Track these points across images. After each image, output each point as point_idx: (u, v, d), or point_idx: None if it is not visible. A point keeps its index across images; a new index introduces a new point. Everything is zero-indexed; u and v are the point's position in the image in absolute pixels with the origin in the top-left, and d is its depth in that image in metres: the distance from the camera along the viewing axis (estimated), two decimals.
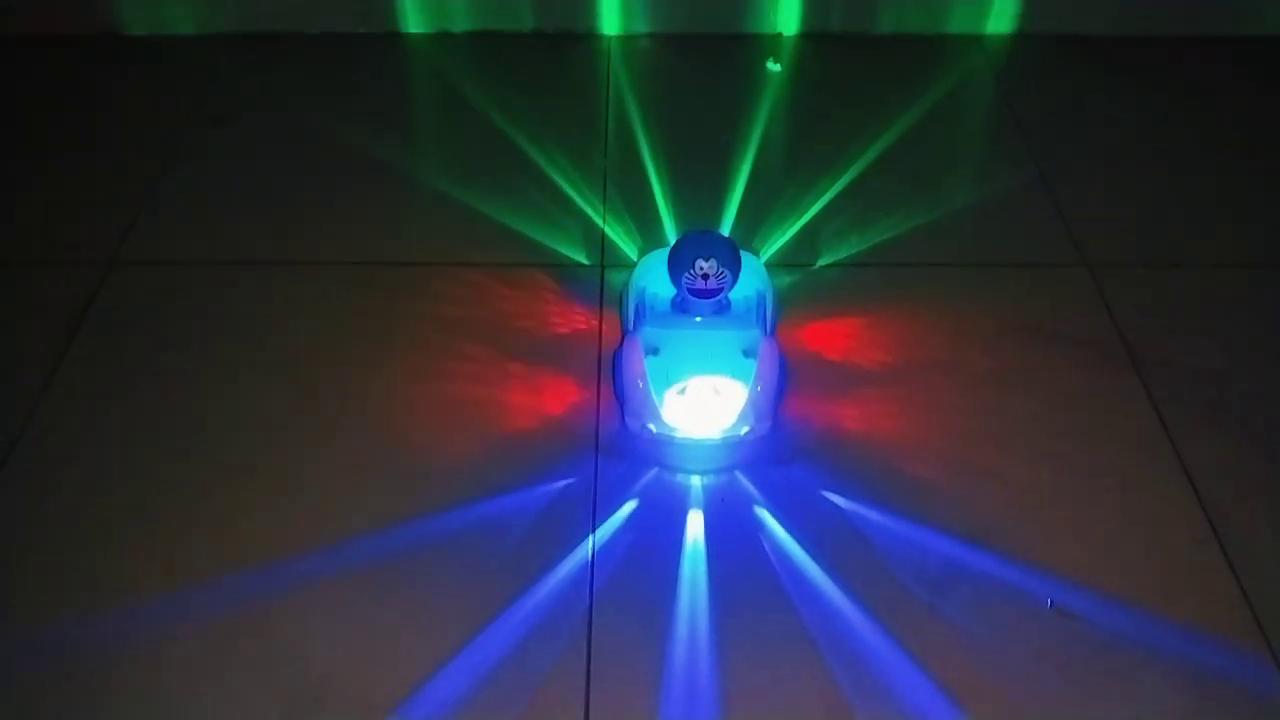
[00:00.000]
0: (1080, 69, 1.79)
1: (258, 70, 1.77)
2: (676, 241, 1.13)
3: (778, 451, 1.16)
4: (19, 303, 1.34)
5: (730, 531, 1.08)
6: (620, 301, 1.28)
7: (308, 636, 0.99)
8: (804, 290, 1.37)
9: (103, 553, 1.06)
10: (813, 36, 1.85)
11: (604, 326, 1.30)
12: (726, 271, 1.10)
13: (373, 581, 1.03)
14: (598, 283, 1.37)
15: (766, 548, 1.07)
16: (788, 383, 1.16)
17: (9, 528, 1.08)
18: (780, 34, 1.85)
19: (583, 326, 1.31)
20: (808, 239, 1.44)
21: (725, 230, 1.45)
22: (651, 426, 1.13)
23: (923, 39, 1.84)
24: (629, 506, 1.11)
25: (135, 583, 1.03)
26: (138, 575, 1.03)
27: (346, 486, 1.12)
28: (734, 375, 1.10)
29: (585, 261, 1.40)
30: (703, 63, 1.80)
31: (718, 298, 1.12)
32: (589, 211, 1.48)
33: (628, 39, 1.84)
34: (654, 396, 1.10)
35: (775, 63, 1.78)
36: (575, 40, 1.84)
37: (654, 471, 1.14)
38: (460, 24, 1.84)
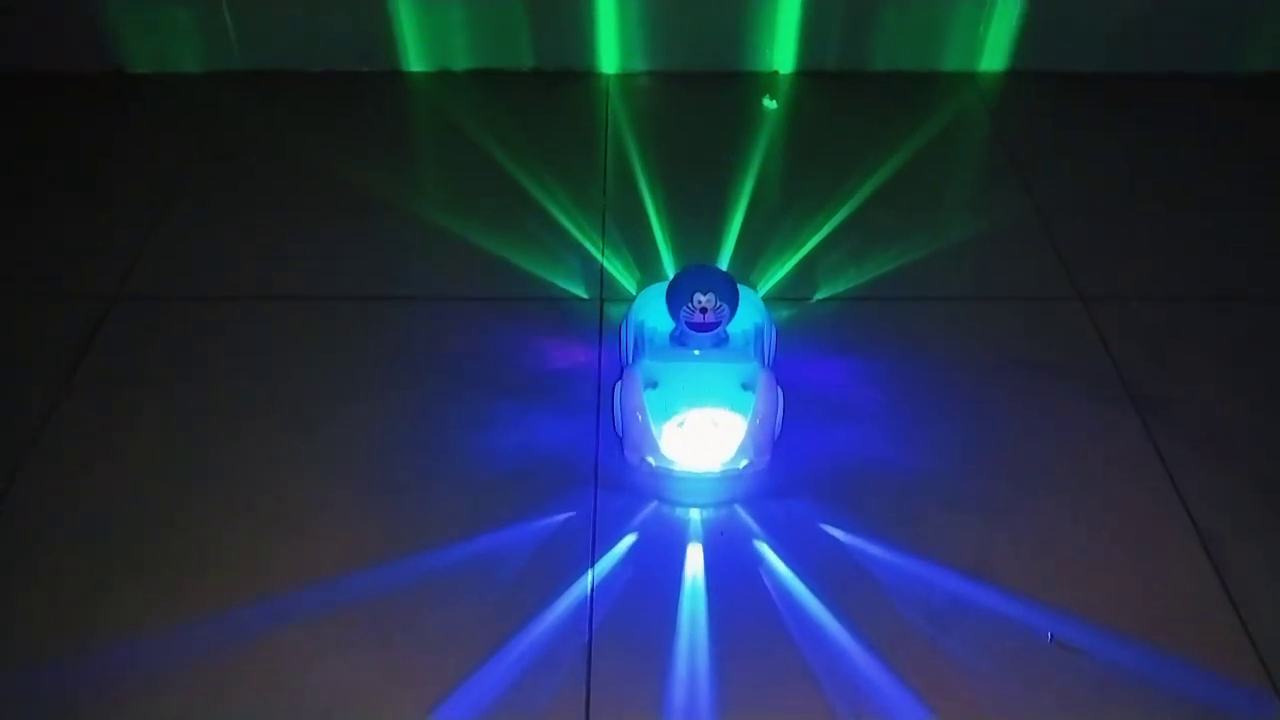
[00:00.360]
0: (1072, 105, 1.81)
1: (261, 108, 1.79)
2: (675, 276, 1.14)
3: (777, 485, 1.16)
4: (23, 336, 1.34)
5: (730, 565, 1.08)
6: (619, 335, 1.28)
7: (307, 673, 0.98)
8: (802, 324, 1.37)
9: (102, 586, 1.05)
10: (808, 74, 1.87)
11: (603, 360, 1.31)
12: (724, 305, 1.10)
13: (372, 617, 1.03)
14: (597, 316, 1.38)
15: (766, 581, 1.06)
16: (786, 416, 1.16)
17: (9, 560, 1.08)
18: (777, 72, 1.87)
19: (581, 360, 1.31)
20: (805, 273, 1.45)
21: (723, 264, 1.46)
22: (650, 459, 1.13)
23: (917, 76, 1.87)
24: (628, 540, 1.10)
25: (135, 617, 1.02)
26: (137, 610, 1.03)
27: (346, 521, 1.12)
28: (733, 408, 1.11)
29: (584, 295, 1.41)
30: (700, 100, 1.82)
31: (716, 331, 1.13)
32: (588, 246, 1.49)
33: (626, 77, 1.87)
34: (653, 429, 1.11)
35: (771, 100, 1.81)
36: (575, 78, 1.86)
37: (653, 505, 1.14)
38: (461, 63, 1.86)
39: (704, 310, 1.10)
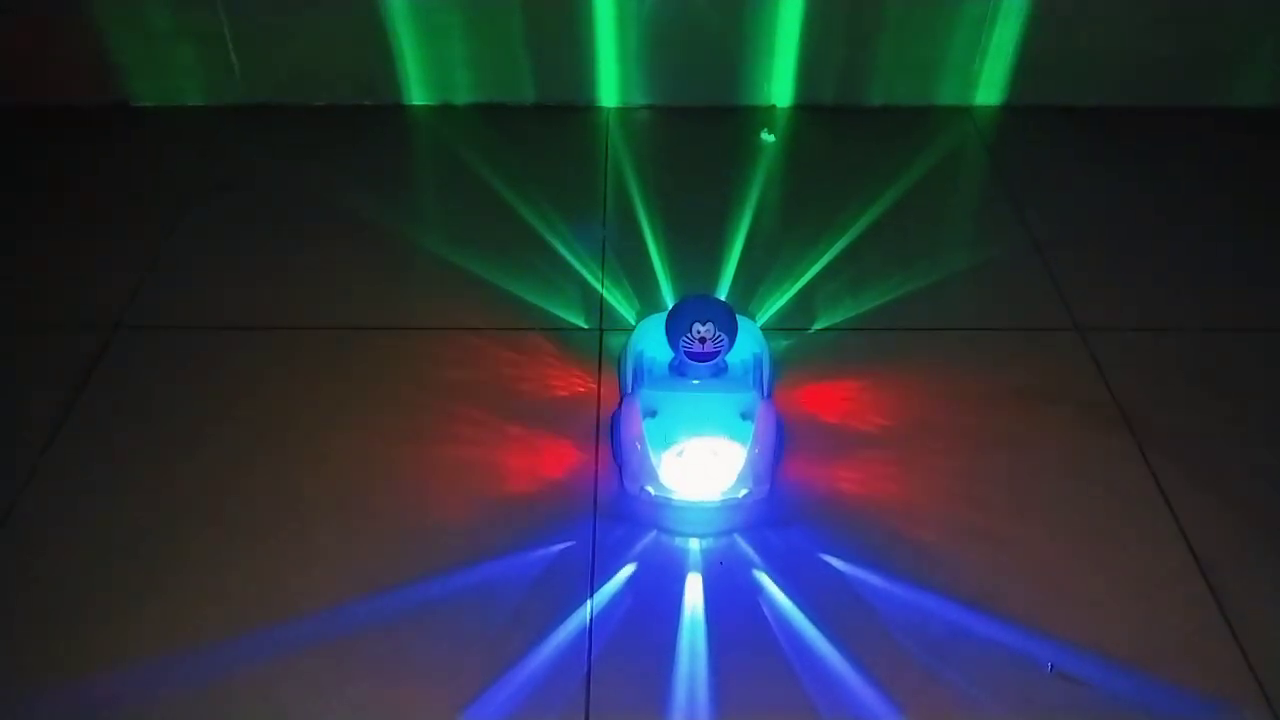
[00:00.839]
0: (1069, 139, 1.83)
1: (263, 141, 1.81)
2: (674, 306, 1.14)
3: (776, 514, 1.16)
4: (24, 365, 1.35)
5: (729, 595, 1.08)
6: (618, 365, 1.29)
7: (308, 702, 0.98)
8: (800, 354, 1.38)
9: (99, 616, 1.05)
10: (806, 108, 1.89)
11: (602, 389, 1.31)
12: (723, 335, 1.11)
13: (370, 646, 1.02)
14: (596, 346, 1.38)
15: (765, 611, 1.06)
16: (785, 445, 1.17)
17: (7, 588, 1.08)
18: (774, 106, 1.90)
19: (581, 389, 1.32)
20: (803, 303, 1.46)
21: (722, 295, 1.47)
22: (650, 489, 1.13)
23: (913, 110, 1.89)
24: (627, 570, 1.10)
25: (134, 646, 1.02)
26: (136, 638, 1.03)
27: (346, 550, 1.12)
28: (732, 437, 1.11)
29: (584, 325, 1.42)
30: (699, 134, 1.84)
31: (715, 361, 1.13)
32: (588, 276, 1.50)
33: (626, 111, 1.89)
34: (652, 459, 1.11)
35: (769, 133, 1.82)
36: (575, 112, 1.88)
37: (652, 534, 1.14)
38: (463, 96, 1.88)
39: (703, 340, 1.11)
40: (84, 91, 1.85)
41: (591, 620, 1.05)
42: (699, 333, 1.10)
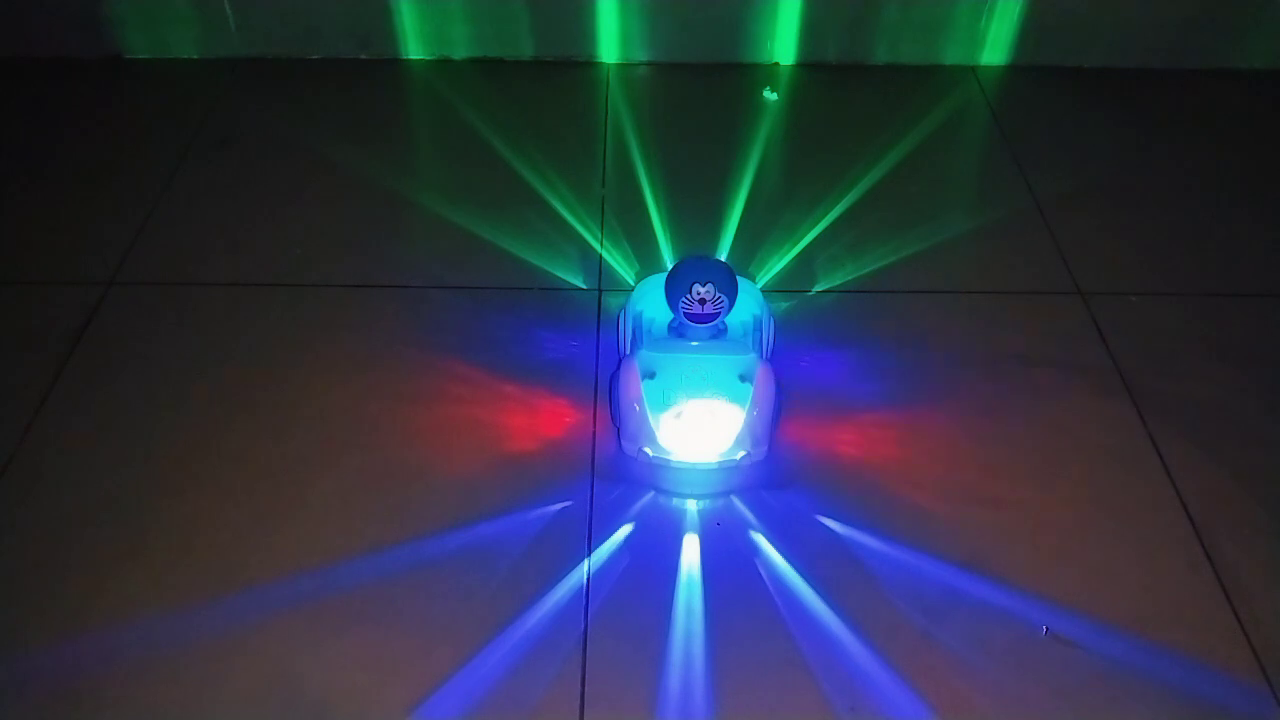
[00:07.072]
0: (1074, 100, 1.81)
1: (259, 95, 1.78)
2: (674, 266, 1.13)
3: (773, 476, 1.16)
4: (19, 321, 1.34)
5: (726, 556, 1.08)
6: (617, 325, 1.28)
7: (303, 659, 0.98)
8: (800, 316, 1.37)
9: (95, 574, 1.05)
10: (809, 66, 1.87)
11: (600, 350, 1.31)
12: (723, 296, 1.10)
13: (368, 604, 1.03)
14: (595, 307, 1.38)
15: (762, 572, 1.07)
16: (783, 408, 1.16)
17: (3, 546, 1.08)
18: (777, 63, 1.87)
19: (579, 350, 1.31)
20: (804, 265, 1.45)
21: (722, 256, 1.46)
22: (648, 450, 1.13)
23: (918, 69, 1.86)
24: (625, 530, 1.10)
25: (130, 603, 1.02)
26: (131, 598, 1.03)
27: (342, 509, 1.12)
28: (730, 399, 1.11)
29: (583, 285, 1.41)
30: (700, 91, 1.82)
31: (714, 322, 1.13)
32: (587, 236, 1.49)
33: (626, 67, 1.86)
34: (650, 420, 1.11)
35: (772, 91, 1.80)
36: (574, 67, 1.86)
37: (650, 495, 1.14)
38: (460, 51, 1.86)
39: (703, 301, 1.10)
40: (76, 44, 1.82)
41: (589, 580, 1.05)
42: (699, 294, 1.09)
